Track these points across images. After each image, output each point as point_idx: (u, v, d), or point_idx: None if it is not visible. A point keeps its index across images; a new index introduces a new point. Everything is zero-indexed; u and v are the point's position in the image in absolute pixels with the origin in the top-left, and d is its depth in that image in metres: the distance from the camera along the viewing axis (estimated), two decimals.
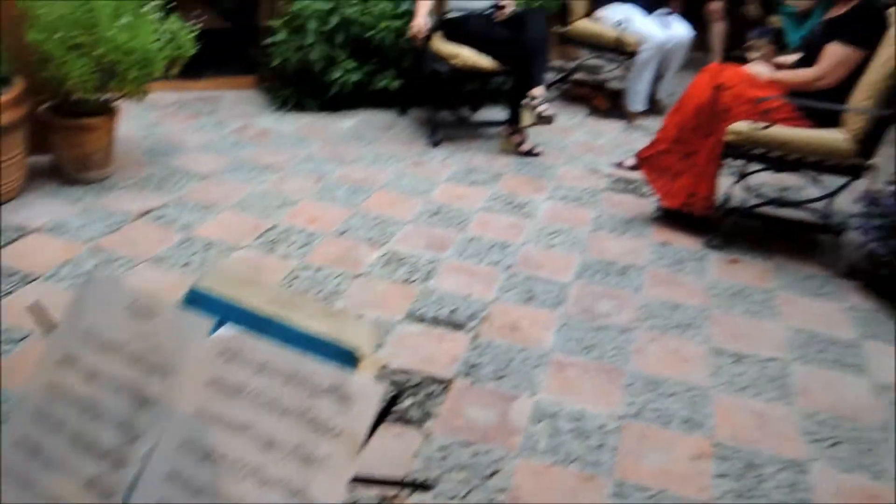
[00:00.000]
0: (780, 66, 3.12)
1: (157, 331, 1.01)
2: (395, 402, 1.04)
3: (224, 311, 1.01)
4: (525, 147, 3.94)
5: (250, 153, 3.71)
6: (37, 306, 1.11)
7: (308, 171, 3.56)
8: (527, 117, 3.69)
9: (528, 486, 1.88)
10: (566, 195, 3.54)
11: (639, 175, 3.51)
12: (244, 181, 3.40)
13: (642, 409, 2.17)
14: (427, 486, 1.74)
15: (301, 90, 4.24)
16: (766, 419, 2.18)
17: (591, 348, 2.43)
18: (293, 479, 0.93)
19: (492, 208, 3.35)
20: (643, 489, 1.89)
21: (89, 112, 3.12)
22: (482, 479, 1.88)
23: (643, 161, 3.27)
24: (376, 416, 0.94)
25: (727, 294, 2.81)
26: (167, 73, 3.13)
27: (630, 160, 3.65)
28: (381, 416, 0.98)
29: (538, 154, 3.95)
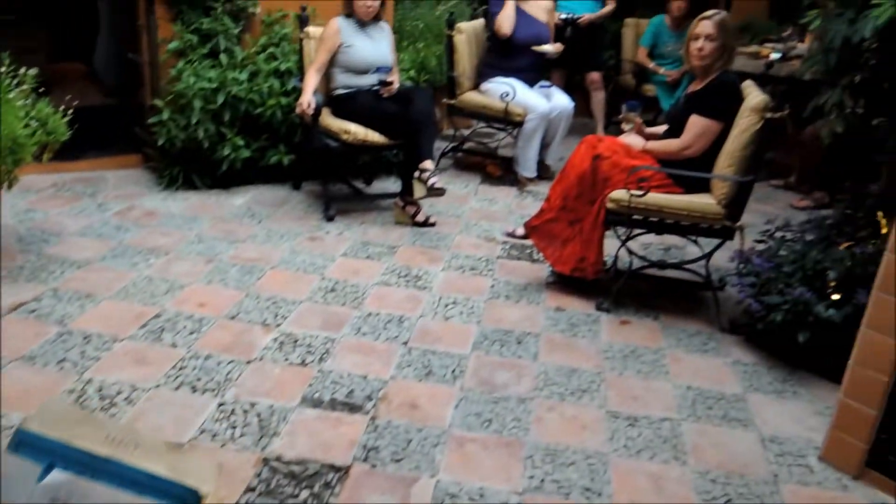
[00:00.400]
0: (650, 137, 3.32)
1: None
2: None
3: (56, 454, 0.93)
4: (420, 217, 3.97)
5: (135, 236, 3.56)
6: None
7: (197, 253, 3.45)
8: (418, 190, 3.74)
9: None
10: (462, 264, 3.58)
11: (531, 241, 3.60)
12: (128, 267, 3.25)
13: (543, 481, 2.17)
14: None
15: (189, 168, 4.14)
16: (661, 481, 2.22)
17: (490, 421, 2.42)
18: None
19: (388, 282, 3.34)
20: None
21: None
22: None
23: (532, 230, 3.36)
24: None
25: (620, 356, 2.88)
26: (39, 158, 2.99)
27: (520, 229, 3.75)
28: None
29: (433, 224, 4.00)
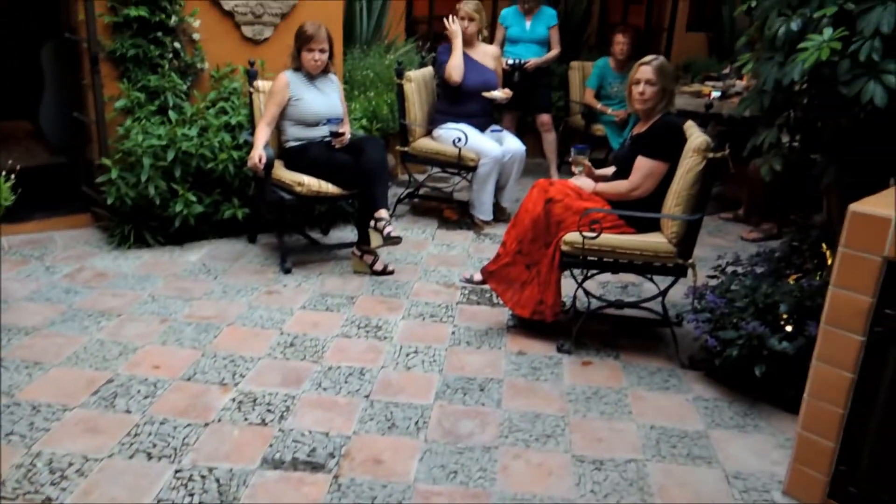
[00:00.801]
0: (599, 179, 3.38)
1: None
2: None
3: None
4: (378, 266, 3.96)
5: (85, 298, 3.47)
6: None
7: (151, 313, 3.37)
8: (375, 239, 3.73)
9: None
10: (422, 312, 3.56)
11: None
12: (78, 331, 3.16)
13: None
14: None
15: (141, 225, 4.07)
16: None
17: (455, 473, 2.39)
18: None
19: (348, 333, 3.31)
20: None
21: None
22: None
23: (489, 275, 3.37)
24: None
25: (583, 398, 2.89)
26: None
27: (477, 275, 3.75)
28: None
29: (392, 272, 3.99)
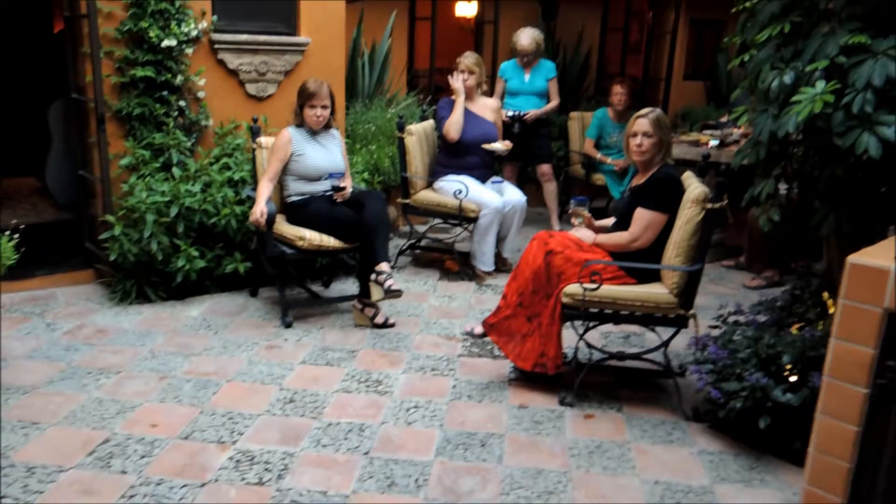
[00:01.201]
0: (599, 230, 3.39)
1: None
2: None
3: None
4: (379, 319, 3.95)
5: (85, 356, 3.46)
6: None
7: (150, 370, 3.36)
8: (376, 292, 3.73)
9: None
10: (423, 365, 3.54)
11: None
12: (76, 389, 3.14)
13: None
14: None
15: (143, 281, 4.09)
16: None
17: None
18: None
19: (348, 388, 3.28)
20: None
21: None
22: None
23: (490, 328, 3.35)
24: None
25: (586, 452, 2.84)
26: None
27: (478, 328, 3.74)
28: None
29: (393, 325, 3.97)
